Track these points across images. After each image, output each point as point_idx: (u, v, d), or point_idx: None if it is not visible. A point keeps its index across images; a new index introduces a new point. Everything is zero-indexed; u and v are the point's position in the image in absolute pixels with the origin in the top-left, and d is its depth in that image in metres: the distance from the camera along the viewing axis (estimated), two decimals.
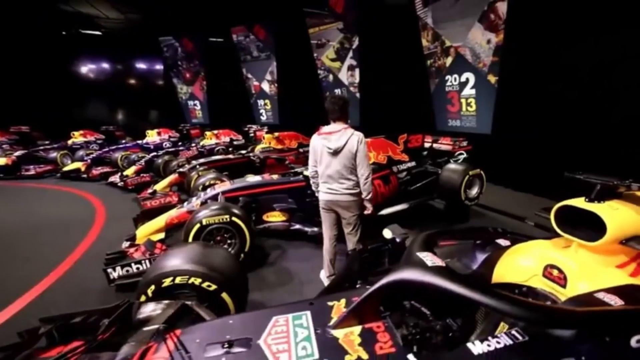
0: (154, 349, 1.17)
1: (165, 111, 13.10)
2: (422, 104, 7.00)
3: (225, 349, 1.10)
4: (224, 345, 1.11)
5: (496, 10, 4.70)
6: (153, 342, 1.22)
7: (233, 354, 1.09)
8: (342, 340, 1.13)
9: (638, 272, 1.50)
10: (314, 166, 2.63)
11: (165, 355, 1.11)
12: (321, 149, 2.52)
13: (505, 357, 1.03)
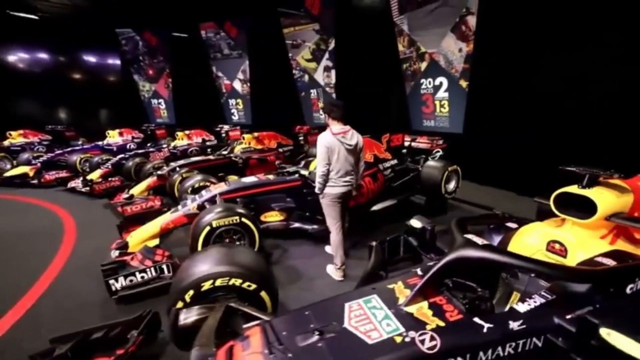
0: (240, 346, 1.17)
1: (125, 110, 11.94)
2: (398, 105, 7.43)
3: (318, 336, 1.15)
4: (315, 333, 1.16)
5: (466, 23, 5.22)
6: (233, 341, 1.22)
7: (327, 339, 1.15)
8: (416, 314, 1.29)
9: (614, 241, 1.90)
10: (327, 164, 2.72)
11: (258, 350, 1.12)
12: (339, 146, 2.68)
13: (543, 311, 1.31)
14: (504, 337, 1.21)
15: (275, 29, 9.51)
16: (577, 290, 1.41)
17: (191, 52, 11.24)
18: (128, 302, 2.56)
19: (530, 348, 1.24)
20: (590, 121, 4.07)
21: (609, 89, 3.87)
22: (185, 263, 1.92)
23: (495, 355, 1.20)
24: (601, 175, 1.91)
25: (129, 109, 12.01)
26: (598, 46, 3.79)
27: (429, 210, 4.97)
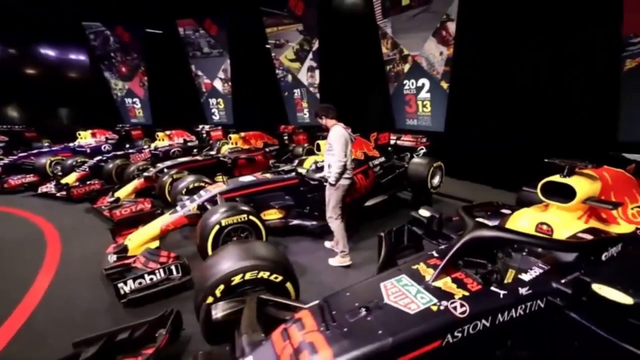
0: (294, 327, 1.26)
1: (95, 109, 11.15)
2: (381, 105, 7.71)
3: (366, 312, 1.28)
4: (362, 309, 1.29)
5: (447, 28, 5.57)
6: (285, 325, 1.30)
7: (374, 313, 1.29)
8: (444, 287, 1.48)
9: (588, 220, 2.20)
10: (346, 156, 2.95)
11: (314, 328, 1.21)
12: (350, 140, 2.99)
13: (542, 279, 1.57)
14: (516, 301, 1.44)
15: (257, 28, 9.44)
16: (566, 260, 1.70)
17: (168, 50, 10.79)
18: (136, 305, 2.49)
19: (535, 309, 1.48)
20: (557, 119, 4.55)
21: (573, 90, 4.35)
22: (210, 260, 1.94)
23: (510, 316, 1.41)
24: (577, 166, 2.22)
25: (99, 109, 11.24)
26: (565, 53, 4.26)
27: (415, 204, 5.21)
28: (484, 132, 5.58)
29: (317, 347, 1.14)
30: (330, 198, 3.11)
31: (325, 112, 3.15)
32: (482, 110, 5.51)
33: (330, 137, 3.06)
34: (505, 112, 5.14)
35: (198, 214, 3.42)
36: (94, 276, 3.01)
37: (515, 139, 5.11)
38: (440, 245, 2.14)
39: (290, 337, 1.22)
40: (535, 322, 1.48)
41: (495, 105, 5.27)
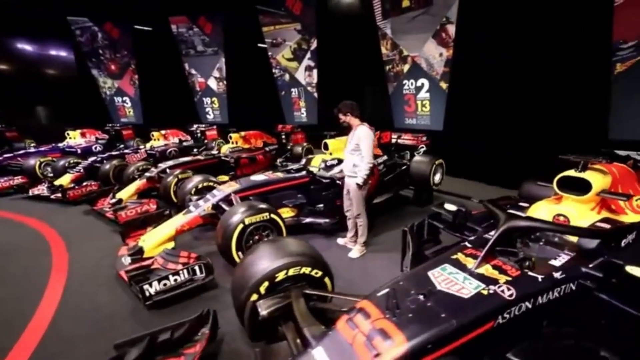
0: (359, 317, 1.29)
1: (82, 108, 10.67)
2: (380, 104, 7.81)
3: (424, 298, 1.35)
4: (420, 296, 1.36)
5: (447, 31, 5.73)
6: (347, 315, 1.33)
7: (432, 299, 1.36)
8: (487, 273, 1.57)
9: (600, 211, 2.34)
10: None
11: (380, 316, 1.25)
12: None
13: (572, 264, 1.68)
14: (553, 284, 1.54)
15: (253, 27, 9.35)
16: (590, 247, 1.82)
17: (160, 47, 10.48)
18: (161, 307, 2.44)
19: (568, 292, 1.59)
20: (552, 119, 4.78)
21: (567, 91, 4.59)
22: (248, 259, 1.93)
23: (547, 298, 1.51)
24: (591, 161, 2.36)
25: (87, 107, 10.76)
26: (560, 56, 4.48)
27: (418, 201, 5.33)
28: (482, 131, 5.78)
29: (389, 333, 1.18)
30: (358, 197, 3.16)
31: (350, 109, 3.08)
32: (480, 110, 5.71)
33: (356, 136, 3.05)
34: (502, 112, 5.35)
35: (213, 213, 3.38)
36: (109, 279, 2.93)
37: (511, 138, 5.32)
38: (466, 237, 2.23)
39: (357, 325, 1.26)
40: (567, 304, 1.59)
41: (492, 106, 5.47)
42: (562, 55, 4.47)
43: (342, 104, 3.14)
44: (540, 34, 4.53)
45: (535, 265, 1.67)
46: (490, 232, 2.09)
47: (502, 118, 5.44)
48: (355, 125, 3.14)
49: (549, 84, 4.65)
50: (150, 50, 10.53)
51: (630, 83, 3.89)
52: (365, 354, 1.15)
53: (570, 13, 4.27)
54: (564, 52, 4.44)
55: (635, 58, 3.80)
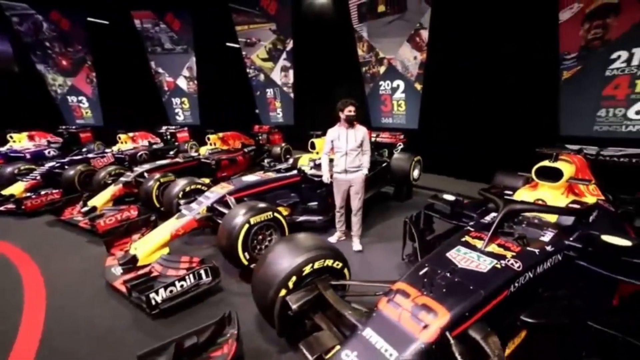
0: (399, 297, 1.39)
1: (27, 108, 9.38)
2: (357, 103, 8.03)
3: (451, 275, 1.52)
4: (447, 273, 1.52)
5: (420, 35, 6.10)
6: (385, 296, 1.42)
7: (457, 275, 1.53)
8: (495, 251, 1.77)
9: (568, 195, 2.71)
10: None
11: (418, 294, 1.37)
12: None
13: (557, 238, 1.96)
14: (546, 256, 1.80)
15: (225, 25, 9.08)
16: (567, 224, 2.15)
17: (122, 43, 9.68)
18: (166, 316, 2.32)
19: (556, 262, 1.85)
20: (513, 118, 5.33)
21: (525, 94, 5.15)
22: (269, 257, 1.92)
23: (543, 268, 1.76)
24: (561, 153, 2.73)
25: (32, 107, 9.50)
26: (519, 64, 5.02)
27: (398, 196, 5.59)
28: (452, 130, 6.25)
29: (432, 307, 1.30)
30: (361, 192, 3.33)
31: (357, 108, 3.24)
32: (452, 110, 6.16)
33: (360, 135, 3.24)
34: (471, 112, 5.84)
35: (209, 216, 3.27)
36: (99, 292, 2.70)
37: (479, 135, 5.83)
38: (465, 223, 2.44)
39: (400, 304, 1.36)
40: (556, 272, 1.86)
41: (462, 106, 5.94)
42: (521, 62, 5.01)
43: (354, 101, 3.24)
44: (503, 42, 5.05)
45: (529, 242, 1.91)
46: (486, 217, 2.33)
47: (471, 117, 5.93)
48: (356, 123, 3.25)
49: (511, 87, 5.19)
50: (110, 46, 9.66)
51: (574, 88, 4.50)
52: (414, 327, 1.25)
53: (528, 26, 4.80)
54: (523, 59, 4.97)
55: (577, 67, 4.42)
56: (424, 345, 1.19)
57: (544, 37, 4.61)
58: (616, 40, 4.02)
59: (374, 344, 1.23)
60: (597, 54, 4.17)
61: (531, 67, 4.96)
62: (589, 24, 4.15)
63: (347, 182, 3.33)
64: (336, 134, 3.27)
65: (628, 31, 3.92)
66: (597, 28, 4.11)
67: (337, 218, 3.57)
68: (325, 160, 3.49)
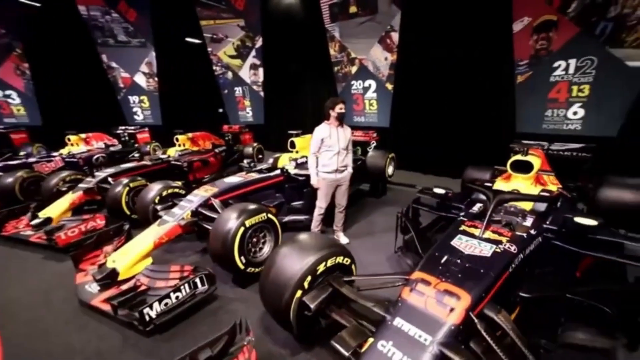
0: (420, 285, 1.49)
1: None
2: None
3: (461, 261, 1.66)
4: (458, 260, 1.66)
5: (391, 38, 6.36)
6: (407, 286, 1.49)
7: (466, 260, 1.68)
8: (491, 237, 1.94)
9: (536, 185, 3.05)
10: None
11: (437, 281, 1.49)
12: None
13: (536, 223, 2.19)
14: (532, 238, 2.02)
15: (188, 19, 8.53)
16: (541, 210, 2.43)
17: (63, 31, 8.51)
18: (162, 331, 2.15)
19: (538, 243, 2.09)
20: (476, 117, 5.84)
21: (486, 95, 5.67)
22: (278, 260, 1.88)
23: (530, 249, 1.97)
24: (531, 147, 3.08)
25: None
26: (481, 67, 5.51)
27: (374, 193, 5.79)
28: (423, 128, 6.64)
29: (453, 291, 1.41)
30: (347, 190, 3.39)
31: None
32: (421, 109, 6.54)
33: (347, 135, 3.30)
34: (440, 111, 6.26)
35: (194, 221, 3.08)
36: (74, 314, 2.40)
37: (447, 133, 6.28)
38: (454, 214, 2.64)
39: (423, 292, 1.45)
40: (539, 252, 2.09)
41: (431, 105, 6.34)
42: (484, 65, 5.49)
43: (343, 99, 3.29)
44: (468, 47, 5.49)
45: (515, 227, 2.14)
46: (474, 208, 2.53)
47: (439, 116, 6.35)
48: (342, 123, 3.29)
49: (475, 88, 5.67)
50: (47, 34, 8.43)
51: (527, 91, 5.09)
52: (441, 312, 1.34)
53: (489, 33, 5.27)
54: (485, 63, 5.46)
55: (528, 72, 4.99)
56: (453, 326, 1.29)
57: (502, 44, 5.10)
58: (557, 51, 4.63)
59: (406, 331, 1.29)
60: (544, 62, 4.76)
61: (492, 71, 5.46)
62: (537, 36, 4.72)
63: (335, 182, 3.35)
64: (327, 133, 3.19)
65: (565, 45, 4.54)
66: (543, 40, 4.69)
67: (318, 218, 3.54)
68: (314, 161, 3.33)
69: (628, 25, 4.05)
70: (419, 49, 6.11)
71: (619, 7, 4.06)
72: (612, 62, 4.24)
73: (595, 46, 4.31)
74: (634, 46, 4.08)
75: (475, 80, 5.65)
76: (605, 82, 4.34)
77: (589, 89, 4.47)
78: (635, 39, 4.06)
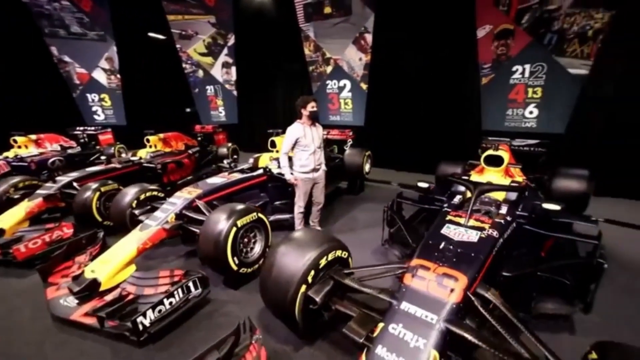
0: (421, 272, 1.62)
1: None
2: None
3: (452, 247, 1.82)
4: (450, 246, 1.81)
5: (365, 39, 6.55)
6: (408, 274, 1.60)
7: (456, 246, 1.84)
8: (475, 225, 2.14)
9: (506, 177, 3.35)
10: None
11: (435, 265, 1.62)
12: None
13: (510, 211, 2.41)
14: (509, 224, 2.25)
15: (155, 13, 8.04)
16: (513, 199, 2.69)
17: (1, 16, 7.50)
18: (155, 340, 2.06)
19: (513, 228, 2.32)
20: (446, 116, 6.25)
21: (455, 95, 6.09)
22: (278, 257, 1.90)
23: (507, 235, 2.19)
24: (500, 143, 3.40)
25: None
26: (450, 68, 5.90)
27: (352, 190, 5.94)
28: (397, 126, 6.95)
29: (451, 274, 1.56)
30: (323, 188, 3.48)
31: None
32: (395, 108, 6.84)
33: (321, 135, 3.35)
34: (413, 110, 6.60)
35: (179, 223, 2.96)
36: (48, 332, 2.20)
37: (420, 131, 6.64)
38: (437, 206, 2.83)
39: (424, 277, 1.58)
40: (514, 236, 2.33)
41: (405, 104, 6.66)
42: (453, 67, 5.90)
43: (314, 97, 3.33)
44: (439, 50, 5.86)
45: (493, 215, 2.36)
46: (455, 199, 2.75)
47: (412, 115, 6.69)
48: (315, 122, 3.33)
49: (444, 88, 6.07)
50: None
51: (490, 92, 5.56)
52: (442, 293, 1.48)
53: (458, 37, 5.65)
54: (454, 65, 5.87)
55: (491, 75, 5.47)
56: (454, 305, 1.43)
57: (469, 48, 5.52)
58: (515, 56, 5.13)
59: (413, 313, 1.40)
60: (504, 66, 5.24)
61: (461, 72, 5.88)
62: (497, 42, 5.18)
63: (313, 181, 3.41)
64: (301, 132, 3.20)
65: (521, 51, 5.04)
66: (502, 46, 5.16)
67: (299, 216, 3.57)
68: (286, 160, 3.35)
69: (567, 38, 4.63)
70: (392, 50, 6.39)
71: (560, 22, 4.62)
72: (557, 68, 4.80)
73: (544, 54, 4.85)
74: (573, 56, 4.66)
75: (445, 81, 6.04)
76: (554, 86, 4.91)
77: (541, 91, 5.01)
78: (573, 50, 4.64)
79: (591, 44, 4.49)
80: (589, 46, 4.52)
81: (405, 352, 1.28)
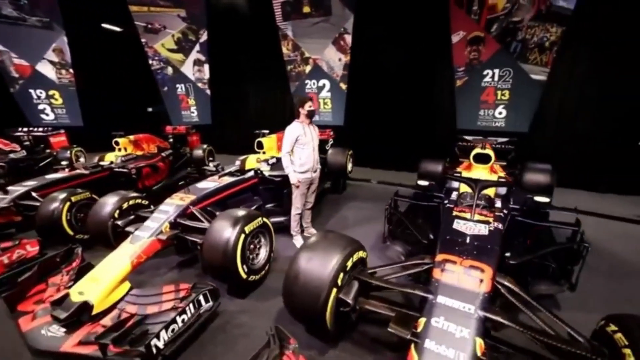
0: (448, 265, 1.72)
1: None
2: (281, 102, 8.04)
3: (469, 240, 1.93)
4: (467, 239, 1.94)
5: (344, 39, 6.62)
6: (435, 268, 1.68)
7: (472, 239, 1.96)
8: (481, 219, 2.29)
9: (491, 173, 3.62)
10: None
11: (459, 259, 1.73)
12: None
13: (505, 204, 2.63)
14: (506, 216, 2.45)
15: (114, 1, 7.30)
16: (503, 193, 2.93)
17: None
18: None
19: (509, 220, 2.51)
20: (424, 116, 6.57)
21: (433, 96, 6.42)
22: (303, 262, 1.85)
23: (505, 226, 2.36)
24: (485, 142, 3.66)
25: None
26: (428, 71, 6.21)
27: (336, 189, 6.00)
28: (376, 125, 7.15)
29: (477, 265, 1.66)
30: (316, 188, 3.46)
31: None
32: (374, 108, 7.03)
33: (315, 135, 3.33)
34: (392, 110, 6.83)
35: (175, 233, 2.75)
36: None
37: (399, 130, 6.90)
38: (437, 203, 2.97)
39: (452, 271, 1.68)
40: (509, 227, 2.51)
41: (384, 104, 6.87)
42: (430, 69, 6.21)
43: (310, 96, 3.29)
44: (416, 52, 6.13)
45: (493, 209, 2.55)
46: (452, 195, 2.90)
47: (391, 115, 6.92)
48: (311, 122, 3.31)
49: (422, 89, 6.38)
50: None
51: (464, 93, 5.97)
52: (473, 284, 1.59)
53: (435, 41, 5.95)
54: (431, 67, 6.18)
55: (465, 78, 5.88)
56: (486, 294, 1.54)
57: (445, 52, 5.86)
58: (485, 61, 5.57)
59: (451, 305, 1.48)
60: (476, 69, 5.66)
61: (437, 74, 6.22)
62: (470, 48, 5.58)
63: (310, 180, 3.38)
64: (301, 131, 3.17)
65: (491, 57, 5.50)
66: (474, 51, 5.58)
67: (296, 218, 3.51)
68: (289, 160, 3.25)
69: (529, 47, 5.16)
70: (372, 52, 6.55)
71: (523, 32, 5.13)
72: (522, 74, 5.32)
73: (511, 60, 5.34)
74: (534, 63, 5.21)
75: (422, 82, 6.35)
76: (519, 89, 5.42)
77: (509, 94, 5.51)
78: (534, 58, 5.18)
79: (548, 54, 5.05)
80: (546, 55, 5.07)
81: (454, 342, 1.34)
